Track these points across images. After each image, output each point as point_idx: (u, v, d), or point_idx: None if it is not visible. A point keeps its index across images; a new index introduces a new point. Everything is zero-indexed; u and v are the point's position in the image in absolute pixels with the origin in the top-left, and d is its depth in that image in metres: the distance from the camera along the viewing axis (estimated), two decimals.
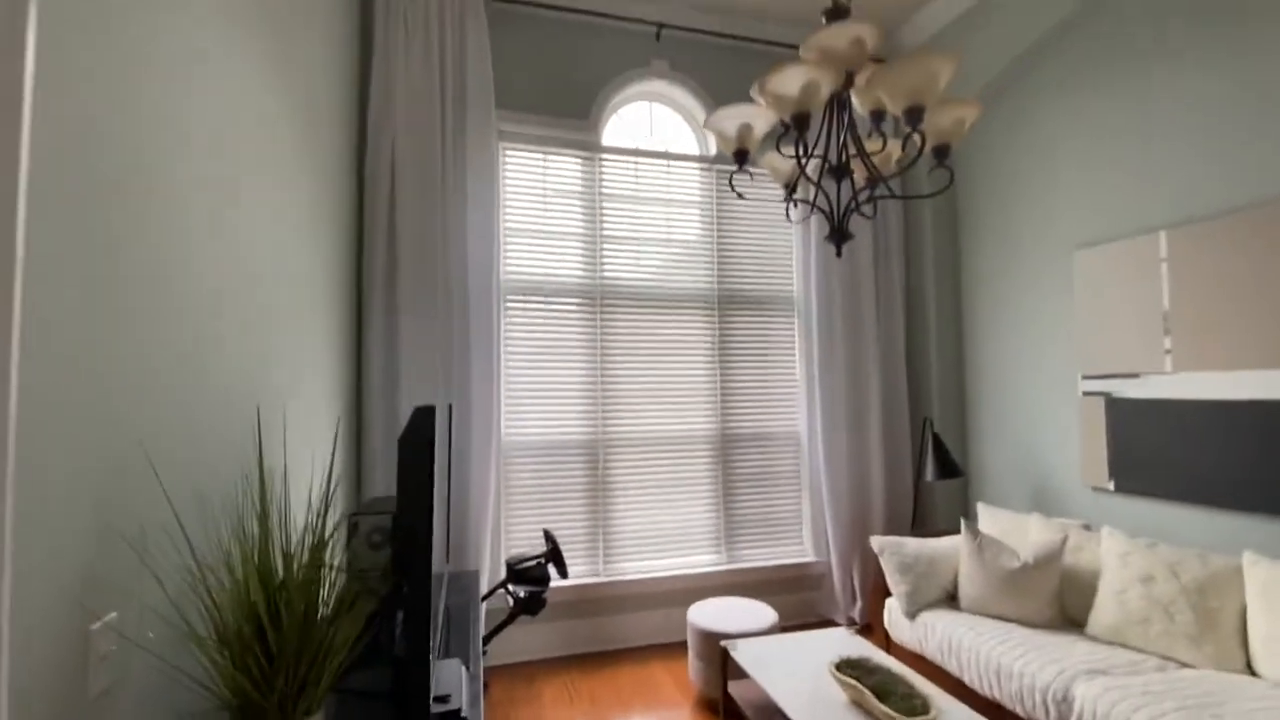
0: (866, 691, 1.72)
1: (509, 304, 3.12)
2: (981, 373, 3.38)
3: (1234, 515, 2.23)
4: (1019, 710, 2.03)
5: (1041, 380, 3.02)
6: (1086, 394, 2.75)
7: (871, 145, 1.83)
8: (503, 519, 3.03)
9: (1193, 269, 2.36)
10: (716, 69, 3.46)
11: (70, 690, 0.82)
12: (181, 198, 1.10)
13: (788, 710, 1.83)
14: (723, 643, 2.25)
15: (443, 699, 1.22)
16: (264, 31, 1.53)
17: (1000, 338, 3.26)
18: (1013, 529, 2.70)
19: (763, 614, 2.64)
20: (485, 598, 2.70)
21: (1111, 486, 2.64)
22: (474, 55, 2.91)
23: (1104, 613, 2.20)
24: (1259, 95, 2.19)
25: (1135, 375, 2.56)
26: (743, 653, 2.20)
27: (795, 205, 1.90)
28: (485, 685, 2.78)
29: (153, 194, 1.00)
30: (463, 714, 1.19)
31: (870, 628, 3.31)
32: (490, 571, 2.87)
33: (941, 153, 1.70)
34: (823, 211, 1.70)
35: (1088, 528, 2.56)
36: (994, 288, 3.29)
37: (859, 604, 3.35)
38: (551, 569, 2.99)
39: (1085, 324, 2.77)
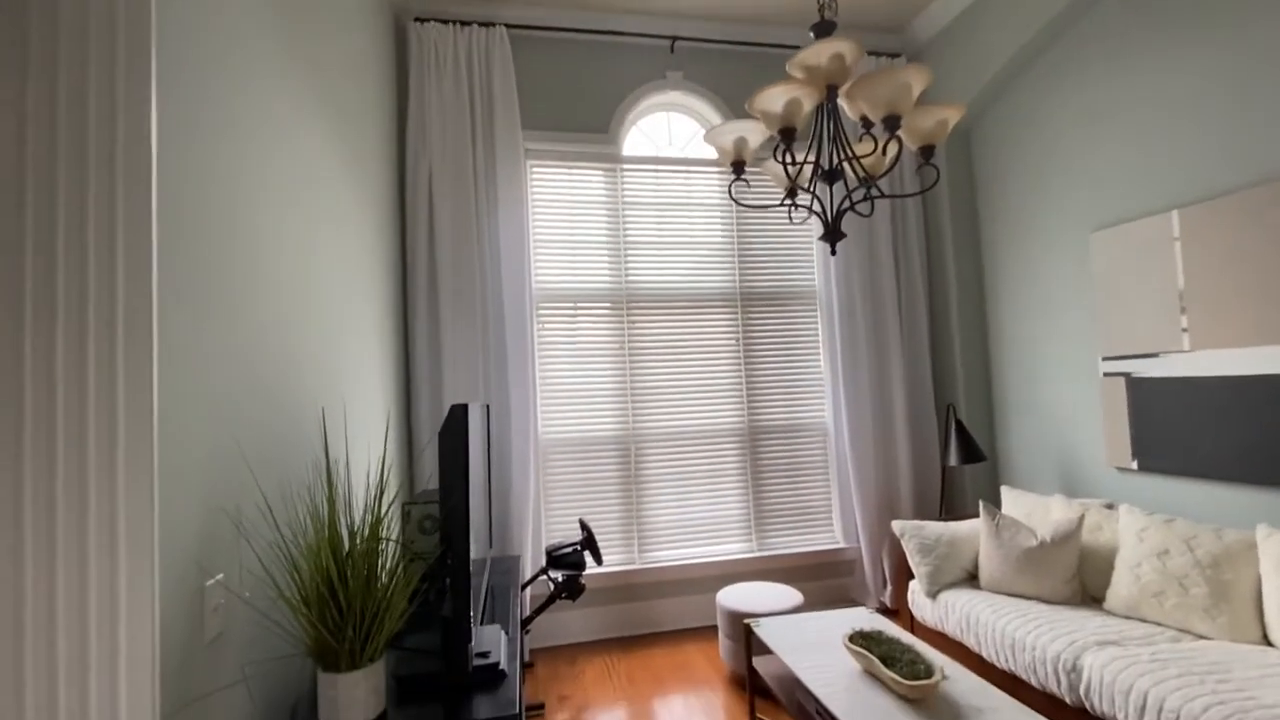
0: (874, 659, 1.85)
1: (541, 310, 3.34)
2: (1005, 357, 3.41)
3: (1251, 489, 2.25)
4: (1032, 681, 2.11)
5: (1064, 363, 3.05)
6: (1107, 375, 2.78)
7: (863, 148, 1.95)
8: (542, 510, 3.26)
9: (1206, 247, 2.37)
10: (729, 75, 3.60)
11: (192, 635, 1.05)
12: (273, 238, 1.33)
13: (805, 680, 1.96)
14: (746, 620, 2.40)
15: (484, 654, 1.42)
16: (317, 84, 1.77)
17: (1022, 322, 3.29)
18: (1035, 510, 2.75)
19: (788, 596, 2.78)
20: (527, 584, 2.92)
21: (1135, 466, 2.66)
22: (499, 82, 3.15)
23: (1120, 587, 2.25)
24: (1264, 71, 2.20)
25: (1154, 355, 2.58)
26: (765, 630, 2.35)
27: (795, 208, 2.04)
28: (530, 664, 3.01)
29: (250, 237, 1.24)
30: (500, 667, 1.39)
31: (897, 611, 3.39)
32: (532, 558, 3.09)
33: (927, 152, 1.81)
34: (816, 214, 1.84)
35: (1110, 507, 2.59)
36: (1015, 272, 3.33)
37: (889, 589, 3.44)
38: (587, 556, 3.19)
39: (1104, 305, 2.79)
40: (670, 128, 3.67)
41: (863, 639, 2.01)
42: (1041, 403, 3.18)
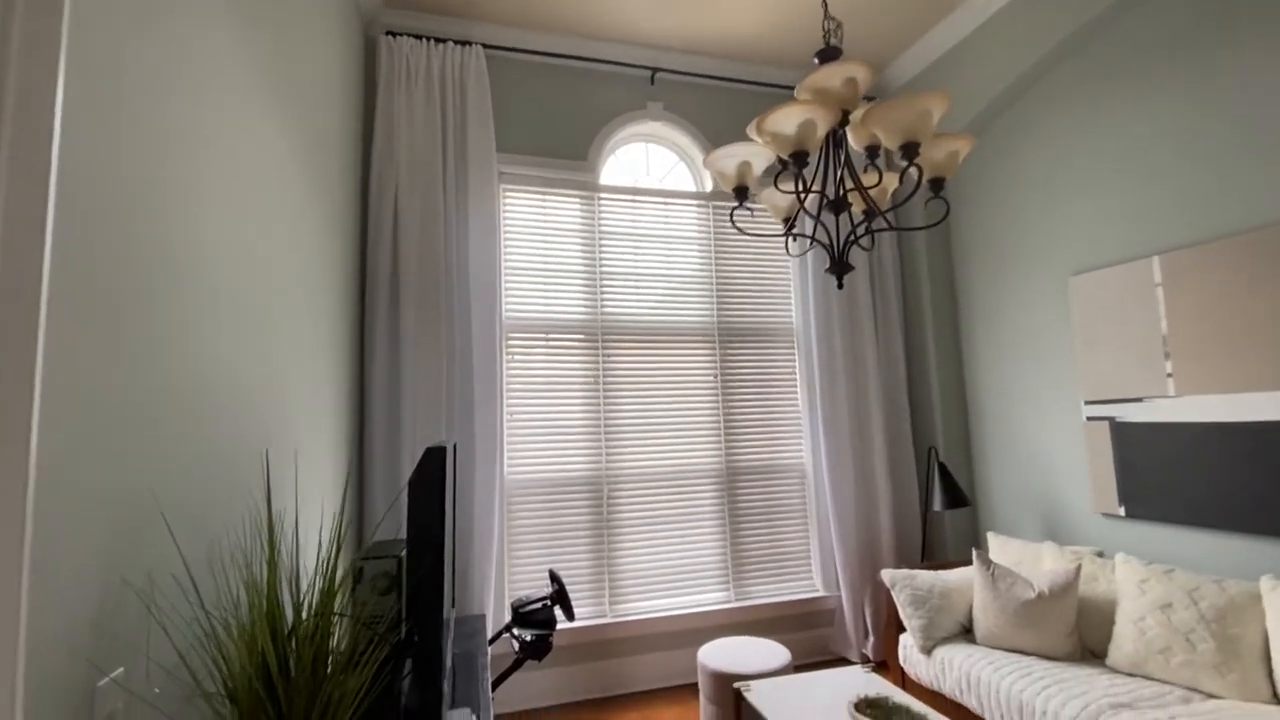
0: None
1: (510, 341, 3.13)
2: (983, 400, 3.38)
3: (1247, 538, 2.21)
4: None
5: (1044, 406, 3.02)
6: (1090, 419, 2.75)
7: (867, 179, 1.87)
8: (506, 559, 2.98)
9: (1188, 293, 2.39)
10: (709, 109, 3.55)
11: None
12: (218, 250, 1.11)
13: None
14: (736, 684, 2.19)
15: None
16: (280, 88, 1.57)
17: (1000, 364, 3.27)
18: (1025, 558, 2.67)
19: (776, 653, 2.58)
20: (491, 642, 2.63)
21: (1122, 512, 2.62)
22: (474, 101, 2.99)
23: (1124, 642, 2.15)
24: (1241, 121, 2.25)
25: (1139, 399, 2.56)
26: (757, 694, 2.14)
27: (795, 239, 1.92)
28: None
29: (190, 250, 1.02)
30: None
31: (885, 664, 3.23)
32: (495, 614, 2.81)
33: (937, 185, 1.73)
34: (823, 245, 1.73)
35: (1101, 555, 2.52)
36: (991, 314, 3.32)
37: (871, 640, 3.28)
38: (558, 611, 2.93)
39: (1085, 349, 2.78)
40: (649, 159, 3.59)
41: (870, 707, 1.83)
42: (1022, 446, 3.14)
